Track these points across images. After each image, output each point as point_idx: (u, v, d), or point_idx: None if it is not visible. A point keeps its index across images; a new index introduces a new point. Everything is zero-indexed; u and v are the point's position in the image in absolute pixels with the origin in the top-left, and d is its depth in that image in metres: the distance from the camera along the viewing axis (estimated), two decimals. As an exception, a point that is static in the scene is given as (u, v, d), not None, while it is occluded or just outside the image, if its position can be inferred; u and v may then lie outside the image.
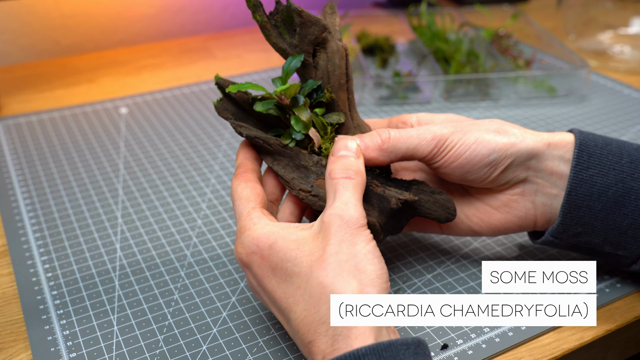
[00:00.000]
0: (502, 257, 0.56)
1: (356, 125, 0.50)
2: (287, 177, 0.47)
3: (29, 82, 0.92)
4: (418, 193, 0.49)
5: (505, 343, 0.47)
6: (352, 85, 0.50)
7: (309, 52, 0.48)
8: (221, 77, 0.49)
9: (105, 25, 1.05)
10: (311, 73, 0.48)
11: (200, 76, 0.94)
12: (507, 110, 0.82)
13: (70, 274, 0.54)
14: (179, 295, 0.52)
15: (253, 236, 0.43)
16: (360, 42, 0.97)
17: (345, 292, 0.38)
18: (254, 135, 0.47)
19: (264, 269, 0.42)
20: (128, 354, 0.46)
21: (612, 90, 0.87)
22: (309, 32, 0.47)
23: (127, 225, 0.61)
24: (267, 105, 0.47)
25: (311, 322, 0.39)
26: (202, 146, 0.75)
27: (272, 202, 0.49)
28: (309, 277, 0.40)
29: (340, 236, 0.40)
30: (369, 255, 0.40)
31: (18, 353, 0.47)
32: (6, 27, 0.98)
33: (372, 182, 0.47)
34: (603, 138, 0.49)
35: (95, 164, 0.71)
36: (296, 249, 0.41)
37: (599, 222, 0.48)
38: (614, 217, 0.47)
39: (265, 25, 0.48)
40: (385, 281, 0.40)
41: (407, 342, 0.38)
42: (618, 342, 0.51)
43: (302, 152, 0.48)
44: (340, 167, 0.45)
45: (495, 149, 0.47)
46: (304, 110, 0.47)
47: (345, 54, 0.49)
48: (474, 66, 0.87)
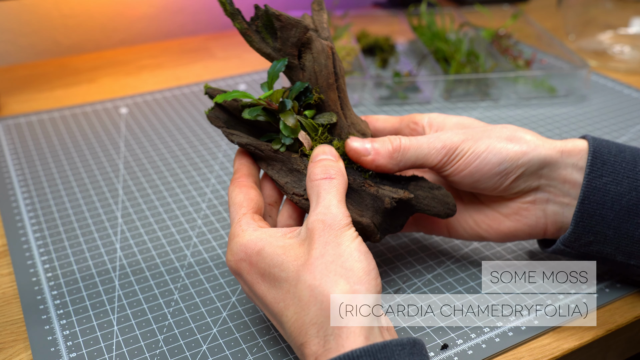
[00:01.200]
0: (502, 257, 0.56)
1: (350, 124, 0.49)
2: (281, 181, 0.47)
3: (29, 82, 0.92)
4: (416, 189, 0.48)
5: (505, 343, 0.47)
6: (343, 83, 0.49)
7: (294, 54, 0.47)
8: (210, 87, 0.49)
9: (105, 25, 1.05)
10: (298, 75, 0.48)
11: (200, 76, 0.94)
12: (507, 110, 0.82)
13: (70, 274, 0.54)
14: (179, 295, 0.52)
15: (241, 243, 0.43)
16: (360, 42, 0.97)
17: (334, 292, 0.38)
18: (245, 142, 0.47)
19: (253, 275, 0.42)
20: (128, 354, 0.46)
21: (612, 90, 0.87)
22: (290, 34, 0.47)
23: (127, 225, 0.61)
24: (254, 112, 0.47)
25: (302, 325, 0.39)
26: (202, 146, 0.75)
27: (271, 205, 0.49)
28: (297, 281, 0.40)
29: (324, 239, 0.40)
30: (355, 253, 0.40)
31: (18, 353, 0.47)
32: (6, 27, 0.98)
33: (365, 182, 0.47)
34: (617, 145, 0.48)
35: (95, 164, 0.71)
36: (283, 254, 0.41)
37: (612, 231, 0.47)
38: (626, 227, 0.46)
39: (247, 32, 0.47)
40: (374, 277, 0.40)
41: (402, 342, 0.38)
42: (618, 342, 0.51)
43: (292, 156, 0.48)
44: (319, 169, 0.45)
45: (506, 157, 0.47)
46: (290, 115, 0.47)
47: (331, 53, 0.48)
48: (474, 66, 0.87)
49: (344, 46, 0.89)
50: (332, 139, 0.48)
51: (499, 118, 0.80)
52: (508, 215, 0.50)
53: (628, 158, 0.47)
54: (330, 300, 0.38)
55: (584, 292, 0.52)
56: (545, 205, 0.49)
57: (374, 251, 0.56)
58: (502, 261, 0.55)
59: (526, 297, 0.51)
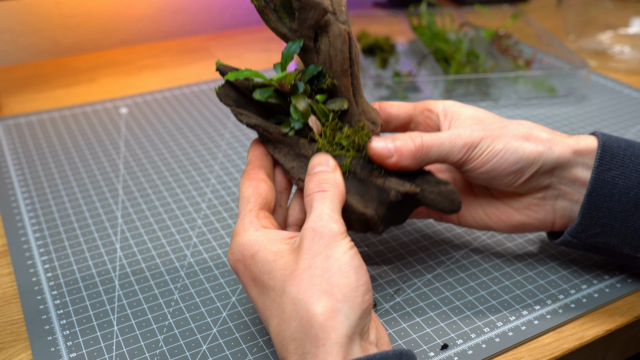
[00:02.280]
0: (502, 257, 0.56)
1: (361, 111, 0.49)
2: (287, 165, 0.47)
3: (29, 82, 0.92)
4: (422, 183, 0.47)
5: (505, 343, 0.47)
6: (357, 69, 0.48)
7: (310, 36, 0.46)
8: (222, 63, 0.47)
9: (105, 25, 1.05)
10: (313, 58, 0.47)
11: (200, 76, 0.94)
12: (507, 110, 0.82)
13: (70, 274, 0.54)
14: (179, 295, 0.52)
15: (240, 243, 0.42)
16: (360, 42, 0.97)
17: (315, 309, 0.37)
18: (254, 123, 0.46)
19: (247, 278, 0.42)
20: (128, 354, 0.46)
21: (612, 90, 0.87)
22: (308, 16, 0.45)
23: (127, 225, 0.61)
24: (265, 94, 0.46)
25: (283, 339, 0.38)
26: (202, 146, 0.75)
27: (281, 192, 0.48)
28: (283, 293, 0.39)
29: (314, 249, 0.39)
30: (344, 267, 0.39)
31: (18, 353, 0.47)
32: (6, 27, 0.98)
33: (373, 172, 0.47)
34: (626, 140, 0.49)
35: (95, 164, 0.71)
36: (273, 261, 0.40)
37: (619, 223, 0.47)
38: (633, 219, 0.47)
39: (264, 10, 0.46)
40: (361, 294, 0.38)
41: (387, 355, 0.37)
42: (618, 342, 0.51)
43: (301, 141, 0.47)
44: (314, 183, 0.44)
45: (522, 157, 0.47)
46: (302, 99, 0.46)
47: (348, 38, 0.47)
48: (474, 66, 0.87)
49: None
50: (342, 125, 0.48)
51: (499, 118, 0.80)
52: (519, 209, 0.51)
53: (637, 152, 0.48)
54: (309, 318, 0.37)
55: (583, 292, 0.52)
56: (555, 201, 0.50)
57: (373, 251, 0.56)
58: (502, 261, 0.55)
59: (526, 297, 0.51)
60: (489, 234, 0.59)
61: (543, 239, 0.58)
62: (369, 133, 0.48)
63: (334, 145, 0.47)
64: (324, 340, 0.36)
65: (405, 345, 0.47)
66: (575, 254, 0.56)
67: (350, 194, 0.46)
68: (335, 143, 0.47)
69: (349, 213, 0.46)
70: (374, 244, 0.57)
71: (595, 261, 0.55)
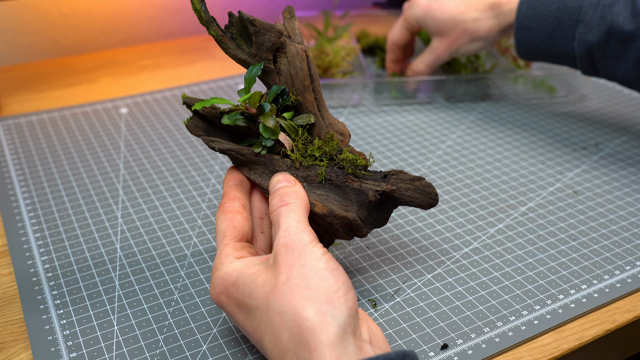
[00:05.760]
0: (502, 256, 0.56)
1: (328, 124, 0.50)
2: (265, 184, 0.48)
3: (29, 82, 0.92)
4: (397, 182, 0.48)
5: (505, 343, 0.47)
6: (318, 85, 0.50)
7: (269, 58, 0.48)
8: (188, 96, 0.49)
9: (105, 25, 1.05)
10: (275, 79, 0.49)
11: (200, 76, 0.94)
12: (507, 110, 0.82)
13: (70, 273, 0.54)
14: (179, 295, 0.52)
15: (219, 276, 0.43)
16: (360, 42, 0.97)
17: (302, 317, 0.37)
18: (227, 148, 0.47)
19: (232, 307, 0.42)
20: (128, 354, 0.46)
21: (612, 90, 0.87)
22: (265, 39, 0.47)
23: (127, 225, 0.61)
24: (233, 117, 0.47)
25: (278, 353, 0.39)
26: (202, 146, 0.75)
27: (262, 218, 0.49)
28: (268, 309, 0.39)
29: (289, 262, 0.40)
30: (321, 272, 0.39)
31: (18, 353, 0.47)
32: (6, 27, 0.98)
33: (348, 177, 0.48)
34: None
35: (95, 164, 0.71)
36: (251, 283, 0.41)
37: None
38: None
39: (222, 39, 0.48)
40: (343, 294, 0.39)
41: (389, 357, 0.37)
42: (618, 342, 0.51)
43: (274, 157, 0.48)
44: (276, 199, 0.45)
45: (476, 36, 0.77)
46: (270, 117, 0.47)
47: (305, 56, 0.49)
48: (474, 66, 0.87)
49: (344, 46, 0.89)
50: (311, 139, 0.49)
51: (499, 118, 0.80)
52: None
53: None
54: (298, 326, 0.38)
55: (583, 292, 0.52)
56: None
57: (373, 251, 0.56)
58: (502, 261, 0.55)
59: (526, 297, 0.51)
60: (489, 234, 0.59)
61: (543, 239, 0.58)
62: (338, 143, 0.49)
63: (307, 157, 0.48)
64: (315, 345, 0.37)
65: (405, 345, 0.47)
66: (575, 254, 0.56)
67: (330, 200, 0.47)
68: (308, 155, 0.48)
69: (332, 219, 0.47)
70: (374, 244, 0.57)
71: (595, 261, 0.55)
